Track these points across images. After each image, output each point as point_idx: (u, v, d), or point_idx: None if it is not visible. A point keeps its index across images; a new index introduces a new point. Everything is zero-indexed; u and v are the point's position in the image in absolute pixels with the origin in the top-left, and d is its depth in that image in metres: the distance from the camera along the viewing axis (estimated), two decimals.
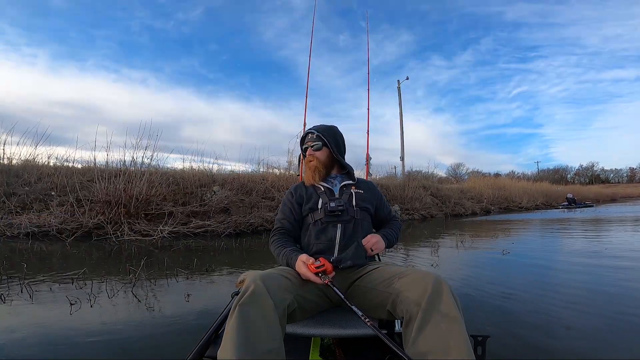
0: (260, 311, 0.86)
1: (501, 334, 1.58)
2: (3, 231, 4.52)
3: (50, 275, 2.70)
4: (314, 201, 1.32)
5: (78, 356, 1.40)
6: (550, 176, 40.89)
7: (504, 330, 1.64)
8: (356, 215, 1.30)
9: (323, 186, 1.38)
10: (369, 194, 1.41)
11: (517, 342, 1.51)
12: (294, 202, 1.35)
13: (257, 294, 0.88)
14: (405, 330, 0.89)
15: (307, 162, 1.40)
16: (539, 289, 2.36)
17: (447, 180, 22.02)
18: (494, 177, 22.21)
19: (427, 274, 0.96)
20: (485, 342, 1.01)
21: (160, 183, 6.03)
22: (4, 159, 6.29)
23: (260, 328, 0.83)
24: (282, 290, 0.96)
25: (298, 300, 1.02)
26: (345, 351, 1.23)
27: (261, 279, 0.93)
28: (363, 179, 1.50)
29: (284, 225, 1.33)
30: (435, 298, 0.87)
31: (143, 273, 2.69)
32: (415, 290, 0.92)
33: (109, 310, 1.94)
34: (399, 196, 9.70)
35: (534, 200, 17.62)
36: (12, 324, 1.75)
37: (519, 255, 3.68)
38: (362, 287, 1.13)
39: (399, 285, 0.99)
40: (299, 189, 1.40)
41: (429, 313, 0.85)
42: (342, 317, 1.12)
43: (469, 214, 11.47)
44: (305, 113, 2.28)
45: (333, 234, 1.25)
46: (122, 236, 4.79)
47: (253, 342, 0.80)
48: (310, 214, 1.30)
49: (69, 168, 6.53)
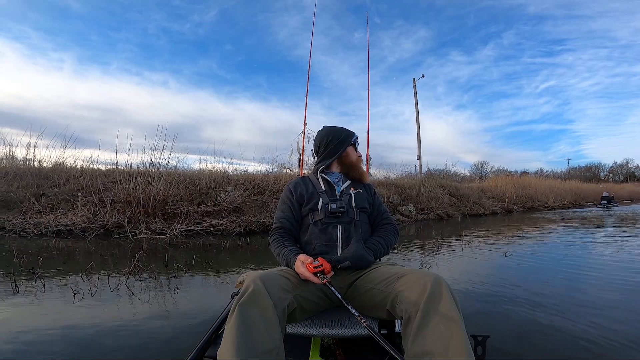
0: (260, 311, 0.86)
1: (501, 334, 1.59)
2: (31, 229, 4.78)
3: (63, 269, 2.86)
4: (315, 202, 1.30)
5: (78, 350, 1.44)
6: (581, 174, 38.80)
7: (504, 330, 1.65)
8: (355, 216, 1.28)
9: (324, 182, 1.36)
10: (366, 193, 1.40)
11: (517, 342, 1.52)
12: (294, 201, 1.33)
13: (257, 294, 0.88)
14: (405, 330, 0.89)
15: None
16: (537, 289, 2.36)
17: (471, 179, 21.44)
18: (519, 176, 21.30)
19: (426, 274, 0.96)
20: (485, 342, 1.00)
21: (178, 184, 6.21)
22: (34, 161, 6.66)
23: (260, 328, 0.83)
24: (282, 291, 0.96)
25: (298, 300, 1.02)
26: (346, 351, 1.23)
27: (261, 279, 0.93)
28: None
29: (283, 224, 1.32)
30: (435, 298, 0.87)
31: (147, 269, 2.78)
32: (415, 290, 0.91)
33: (105, 304, 2.01)
34: (415, 195, 9.51)
35: (562, 199, 16.83)
36: (23, 311, 1.91)
37: (522, 257, 3.62)
38: (362, 286, 1.13)
39: (398, 285, 0.98)
40: (299, 186, 1.37)
41: (429, 313, 0.85)
42: (342, 317, 1.11)
43: (489, 214, 11.09)
44: (305, 113, 2.28)
45: (334, 235, 1.24)
46: (139, 234, 4.96)
47: (253, 342, 0.80)
48: (310, 214, 1.29)
49: (94, 170, 6.82)
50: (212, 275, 2.81)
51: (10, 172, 6.06)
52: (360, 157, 1.49)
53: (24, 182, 5.90)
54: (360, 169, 1.43)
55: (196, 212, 5.85)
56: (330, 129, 1.44)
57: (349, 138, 1.42)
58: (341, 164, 1.41)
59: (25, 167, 6.34)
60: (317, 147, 1.43)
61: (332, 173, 1.41)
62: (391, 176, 11.65)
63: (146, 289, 2.32)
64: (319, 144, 1.42)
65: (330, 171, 1.41)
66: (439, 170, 14.61)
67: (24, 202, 5.47)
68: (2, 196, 5.51)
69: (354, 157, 1.43)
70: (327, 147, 1.40)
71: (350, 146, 1.43)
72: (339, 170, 1.42)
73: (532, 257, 3.66)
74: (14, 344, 1.48)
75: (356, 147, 1.47)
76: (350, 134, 1.44)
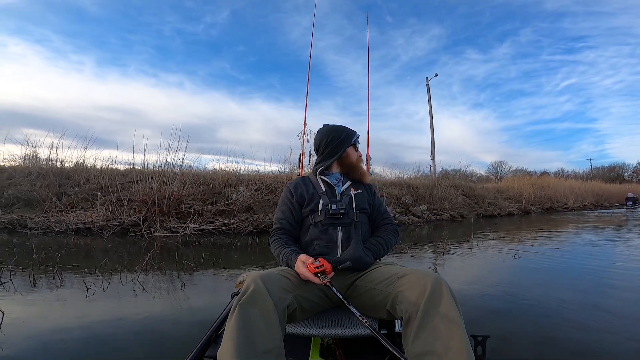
0: (260, 311, 0.86)
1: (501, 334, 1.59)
2: (52, 227, 4.99)
3: (80, 265, 2.98)
4: (315, 203, 1.29)
5: (76, 347, 1.47)
6: (604, 174, 37.12)
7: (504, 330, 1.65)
8: (356, 218, 1.28)
9: (324, 183, 1.35)
10: (367, 194, 1.39)
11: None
12: (294, 202, 1.32)
13: (258, 293, 0.89)
14: (405, 330, 0.89)
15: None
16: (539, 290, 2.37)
17: (488, 179, 20.93)
18: (538, 176, 20.59)
19: (426, 274, 0.95)
20: (485, 342, 0.99)
21: (192, 184, 6.34)
22: (57, 161, 6.95)
23: (260, 328, 0.83)
24: (282, 290, 0.96)
25: (298, 300, 1.02)
26: (346, 351, 1.23)
27: (261, 279, 0.93)
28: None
29: (283, 225, 1.31)
30: (435, 298, 0.87)
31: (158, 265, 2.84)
32: (415, 290, 0.91)
33: (111, 301, 2.07)
34: (427, 196, 9.36)
35: (582, 200, 16.19)
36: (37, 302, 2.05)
37: (528, 259, 3.54)
38: (362, 286, 1.12)
39: (398, 285, 0.98)
40: (299, 187, 1.36)
41: (429, 313, 0.85)
42: (342, 317, 1.11)
43: (505, 215, 10.79)
44: (305, 113, 2.30)
45: (334, 236, 1.24)
46: (153, 232, 5.10)
47: (253, 342, 0.80)
48: (311, 216, 1.28)
49: (113, 170, 7.06)
50: (219, 274, 2.86)
51: (34, 172, 6.34)
52: (361, 157, 1.47)
53: (47, 182, 6.16)
54: (360, 170, 1.41)
55: (209, 211, 5.96)
56: (330, 127, 1.42)
57: (349, 138, 1.40)
58: (341, 164, 1.40)
59: (48, 167, 6.61)
60: (317, 147, 1.42)
61: (332, 173, 1.40)
62: (404, 176, 11.52)
63: (154, 287, 2.39)
64: (319, 144, 1.40)
65: (330, 171, 1.40)
66: (454, 170, 14.35)
67: (46, 201, 5.71)
68: (25, 195, 5.78)
69: (354, 157, 1.41)
70: (327, 147, 1.38)
71: (351, 146, 1.41)
72: (339, 170, 1.41)
73: (541, 258, 3.58)
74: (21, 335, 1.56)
75: (357, 146, 1.45)
76: (351, 134, 1.41)
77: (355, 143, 1.44)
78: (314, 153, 1.52)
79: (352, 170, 1.40)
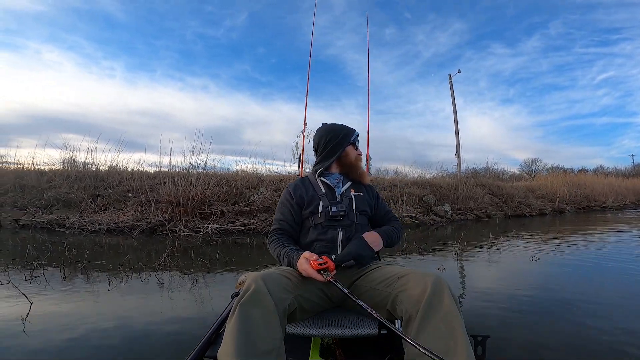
0: (260, 311, 0.86)
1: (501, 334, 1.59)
2: (87, 227, 5.36)
3: (106, 262, 3.18)
4: (315, 205, 1.29)
5: (74, 344, 1.52)
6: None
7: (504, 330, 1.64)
8: (356, 219, 1.27)
9: (324, 185, 1.35)
10: (367, 195, 1.38)
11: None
12: (294, 204, 1.32)
13: (258, 293, 0.89)
14: (405, 330, 0.89)
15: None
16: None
17: (520, 177, 19.88)
18: (576, 174, 19.22)
19: (427, 274, 0.94)
20: (485, 342, 0.98)
21: (215, 185, 6.56)
22: (92, 165, 7.44)
23: (260, 328, 0.84)
24: (282, 290, 0.96)
25: (298, 300, 1.02)
26: (346, 351, 1.23)
27: (262, 279, 0.93)
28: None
29: (282, 226, 1.32)
30: (435, 298, 0.86)
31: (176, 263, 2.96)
32: (415, 290, 0.91)
33: (121, 297, 2.17)
34: (452, 195, 9.06)
35: (623, 198, 14.97)
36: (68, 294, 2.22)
37: (549, 261, 3.37)
38: (363, 286, 1.12)
39: (398, 284, 0.98)
40: (299, 189, 1.36)
41: (429, 313, 0.85)
42: (342, 317, 1.11)
43: (536, 215, 10.20)
44: (305, 113, 2.31)
45: (335, 237, 1.24)
46: (178, 232, 5.32)
47: (253, 342, 0.81)
48: (311, 217, 1.28)
49: (143, 172, 7.45)
50: (228, 273, 2.93)
51: (72, 175, 6.83)
52: (360, 156, 1.45)
53: (83, 184, 6.62)
54: (359, 169, 1.40)
55: (230, 211, 6.14)
56: (329, 127, 1.41)
57: (348, 137, 1.38)
58: (340, 164, 1.39)
59: (84, 170, 7.09)
60: (316, 147, 1.41)
61: (332, 174, 1.39)
62: (426, 175, 11.22)
63: (168, 284, 2.49)
64: (318, 144, 1.40)
65: (330, 172, 1.39)
66: (483, 168, 13.75)
67: (82, 202, 6.14)
68: (64, 197, 6.24)
69: (353, 156, 1.39)
70: (325, 147, 1.37)
71: (350, 145, 1.39)
72: (339, 170, 1.40)
73: (562, 261, 3.41)
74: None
75: (356, 145, 1.43)
76: (350, 133, 1.40)
77: (355, 141, 1.42)
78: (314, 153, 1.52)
79: (351, 170, 1.39)
